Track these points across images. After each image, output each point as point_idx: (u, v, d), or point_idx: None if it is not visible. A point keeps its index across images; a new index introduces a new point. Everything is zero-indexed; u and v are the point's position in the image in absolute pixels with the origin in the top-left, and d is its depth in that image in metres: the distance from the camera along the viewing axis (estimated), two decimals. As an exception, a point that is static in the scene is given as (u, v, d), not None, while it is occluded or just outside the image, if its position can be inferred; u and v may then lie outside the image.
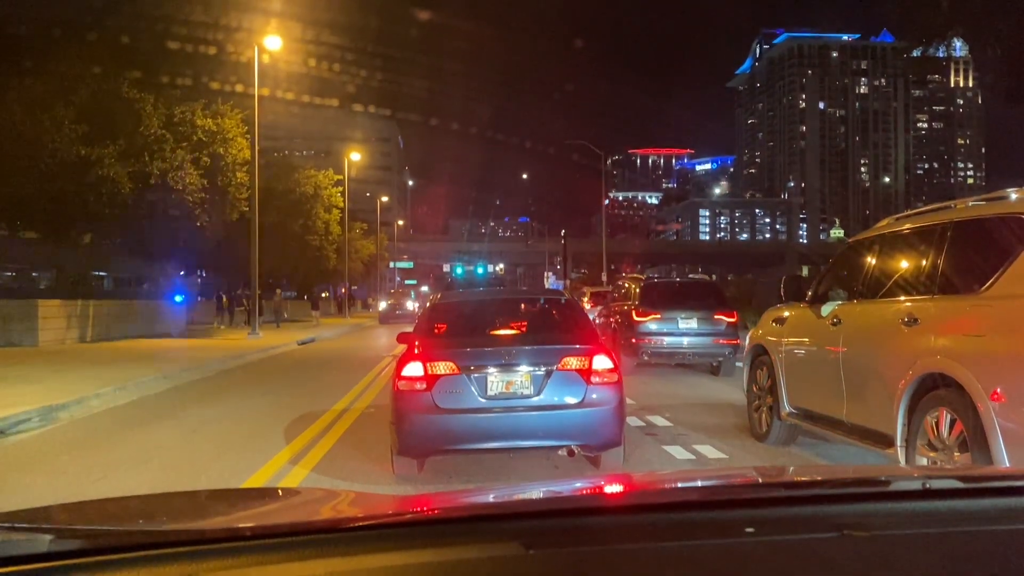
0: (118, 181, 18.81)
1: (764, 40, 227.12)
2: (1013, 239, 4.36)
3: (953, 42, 27.49)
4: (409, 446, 5.54)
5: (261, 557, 1.19)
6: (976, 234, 4.82)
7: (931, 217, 5.31)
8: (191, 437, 7.65)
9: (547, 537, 1.27)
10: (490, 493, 1.97)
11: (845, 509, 1.44)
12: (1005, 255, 4.36)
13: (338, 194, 40.93)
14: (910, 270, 5.40)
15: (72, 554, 1.19)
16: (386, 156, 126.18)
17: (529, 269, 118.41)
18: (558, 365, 5.57)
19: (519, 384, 5.54)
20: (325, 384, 12.17)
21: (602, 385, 5.58)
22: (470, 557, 1.22)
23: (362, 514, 1.50)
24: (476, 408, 5.47)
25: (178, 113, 21.15)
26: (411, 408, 5.48)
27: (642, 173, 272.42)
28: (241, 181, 22.85)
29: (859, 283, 5.98)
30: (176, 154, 20.33)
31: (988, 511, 1.45)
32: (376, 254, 60.78)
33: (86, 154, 18.27)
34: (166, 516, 1.75)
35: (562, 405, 5.55)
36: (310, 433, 7.74)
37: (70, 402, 9.01)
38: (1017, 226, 4.40)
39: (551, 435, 5.61)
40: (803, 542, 1.30)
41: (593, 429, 5.62)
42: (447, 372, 5.50)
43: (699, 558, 1.25)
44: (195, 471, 6.25)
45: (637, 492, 1.81)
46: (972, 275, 4.68)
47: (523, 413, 5.51)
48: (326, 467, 6.25)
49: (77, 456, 6.83)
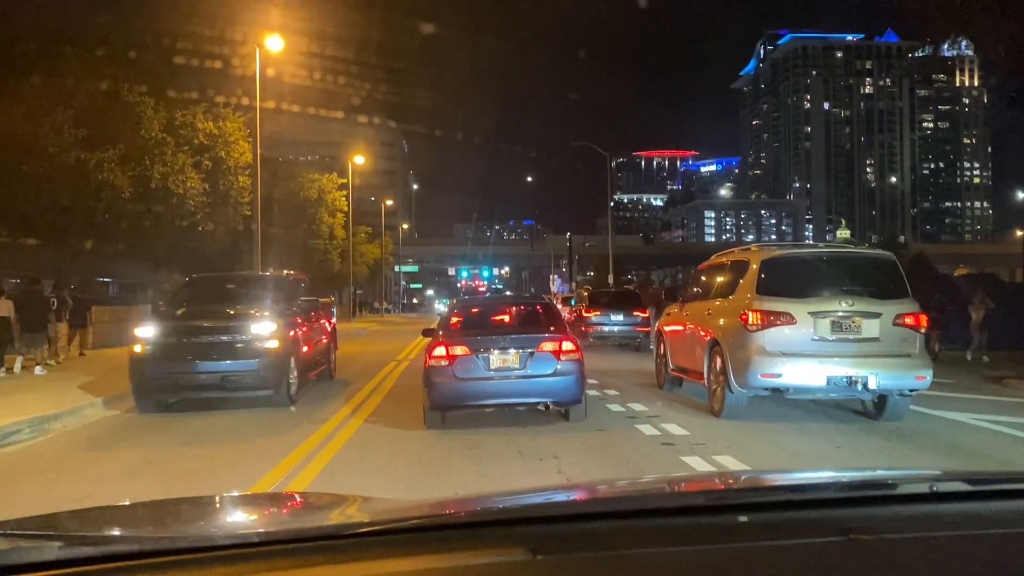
0: (118, 186, 18.52)
1: (768, 41, 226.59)
2: (743, 270, 8.87)
3: (960, 41, 27.76)
4: (437, 403, 8.07)
5: (269, 563, 1.19)
6: (734, 267, 9.29)
7: (722, 257, 10.09)
8: (180, 452, 7.30)
9: (554, 542, 1.27)
10: (497, 498, 1.97)
11: (852, 512, 1.44)
12: (739, 278, 8.86)
13: (342, 198, 40.61)
14: (713, 285, 9.87)
15: (80, 561, 1.18)
16: (390, 161, 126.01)
17: (534, 272, 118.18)
18: (537, 348, 8.03)
19: (511, 361, 7.99)
20: (324, 393, 11.84)
21: (568, 361, 8.02)
22: (477, 563, 1.21)
23: (370, 519, 1.51)
24: (482, 377, 7.93)
25: (179, 116, 20.88)
26: (438, 378, 7.95)
27: (646, 175, 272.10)
28: (243, 185, 22.54)
29: (697, 290, 10.52)
30: (177, 158, 20.06)
31: (996, 514, 1.44)
32: (381, 258, 60.51)
33: (85, 159, 17.97)
34: (174, 523, 1.76)
35: (540, 375, 7.96)
36: (307, 447, 7.39)
37: (63, 413, 8.68)
38: (743, 264, 8.95)
39: (533, 395, 8.14)
40: (810, 546, 1.28)
41: (562, 391, 8.07)
42: (462, 353, 7.97)
43: (706, 562, 1.23)
44: (186, 489, 5.89)
45: (643, 496, 1.81)
46: (730, 288, 9.07)
47: (514, 380, 7.97)
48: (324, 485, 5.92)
49: (64, 470, 6.50)
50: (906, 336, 8.12)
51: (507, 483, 5.75)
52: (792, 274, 8.46)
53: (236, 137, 22.28)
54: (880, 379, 7.83)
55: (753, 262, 8.67)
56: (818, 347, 7.97)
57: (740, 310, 8.35)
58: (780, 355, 7.93)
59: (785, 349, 7.97)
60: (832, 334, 8.01)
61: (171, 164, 19.87)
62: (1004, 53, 21.64)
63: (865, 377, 7.77)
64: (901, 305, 8.20)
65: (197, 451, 7.36)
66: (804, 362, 7.90)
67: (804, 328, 7.99)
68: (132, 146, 19.39)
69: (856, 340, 8.03)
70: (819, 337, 7.98)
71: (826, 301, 8.07)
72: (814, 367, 7.87)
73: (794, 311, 8.02)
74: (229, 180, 22.10)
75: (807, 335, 7.99)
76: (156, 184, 19.57)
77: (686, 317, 10.27)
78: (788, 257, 8.77)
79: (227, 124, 22.21)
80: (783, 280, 8.34)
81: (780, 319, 8.02)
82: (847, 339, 8.02)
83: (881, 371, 7.83)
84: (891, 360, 7.97)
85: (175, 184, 19.79)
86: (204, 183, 20.81)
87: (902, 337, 8.10)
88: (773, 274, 8.39)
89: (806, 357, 7.92)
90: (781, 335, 8.00)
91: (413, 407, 9.00)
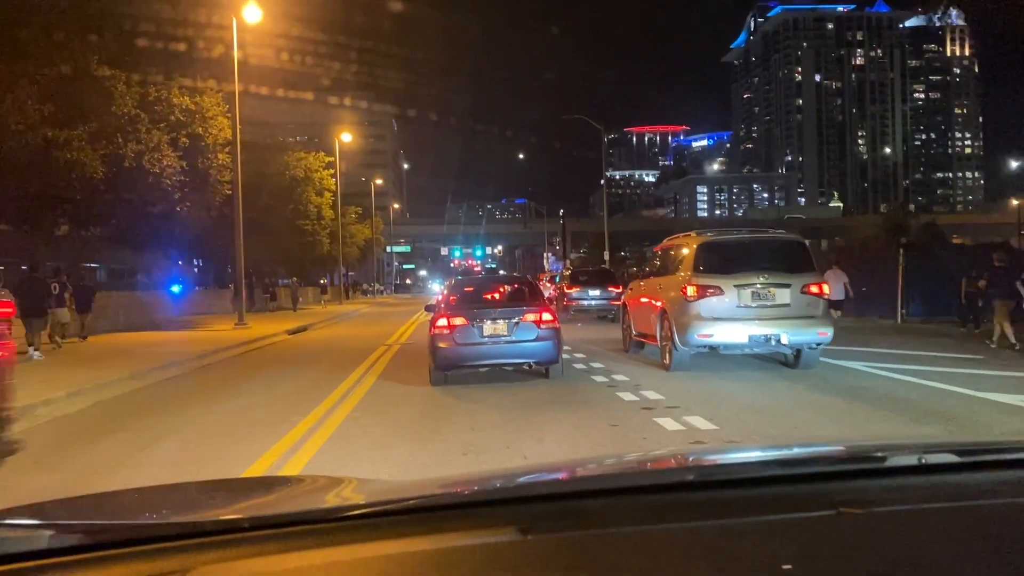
0: (89, 165, 17.51)
1: (758, 13, 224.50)
2: (684, 253, 10.87)
3: (950, 11, 27.22)
4: (440, 364, 9.71)
5: (260, 548, 1.18)
6: (678, 250, 11.32)
7: (671, 241, 12.08)
8: (138, 457, 6.45)
9: (545, 521, 1.26)
10: (488, 478, 1.95)
11: (841, 486, 1.43)
12: (681, 259, 10.87)
13: (329, 177, 39.46)
14: (664, 264, 11.95)
15: (71, 550, 1.17)
16: (380, 140, 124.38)
17: (527, 250, 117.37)
18: (521, 318, 9.70)
19: (500, 329, 9.65)
20: (302, 385, 11.04)
21: (547, 329, 9.74)
22: (468, 543, 1.21)
23: (360, 502, 1.50)
24: (477, 342, 9.59)
25: (153, 92, 19.80)
26: (442, 343, 9.59)
27: (638, 151, 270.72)
28: (223, 163, 21.49)
29: (653, 268, 12.66)
30: (152, 135, 19.00)
31: (985, 485, 1.44)
32: (372, 239, 59.48)
33: (53, 137, 16.97)
34: (165, 509, 1.73)
35: (524, 340, 9.64)
36: (281, 447, 6.60)
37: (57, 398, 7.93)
38: (684, 247, 10.96)
39: (518, 356, 9.82)
40: (800, 520, 1.28)
41: (542, 353, 9.76)
42: (461, 323, 9.63)
43: (697, 538, 1.23)
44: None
45: (634, 473, 1.79)
46: (675, 267, 11.06)
47: (503, 345, 9.65)
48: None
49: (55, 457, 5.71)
50: (811, 302, 10.21)
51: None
52: (722, 255, 10.53)
53: (214, 113, 21.20)
54: (790, 336, 9.98)
55: (692, 246, 10.79)
56: (742, 312, 10.05)
57: (682, 285, 10.43)
58: (712, 319, 10.05)
59: (716, 314, 10.06)
60: (752, 302, 10.10)
61: (146, 142, 18.81)
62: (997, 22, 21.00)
63: (778, 335, 9.91)
64: (806, 277, 10.26)
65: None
66: (731, 324, 10.02)
67: (730, 298, 10.08)
68: (104, 123, 18.38)
69: (771, 306, 10.10)
70: (742, 304, 10.07)
71: (747, 276, 10.11)
72: (739, 328, 9.99)
73: (722, 284, 10.10)
74: (208, 158, 21.05)
75: (733, 303, 10.07)
76: (130, 163, 18.53)
77: (644, 291, 12.39)
78: (718, 242, 10.85)
79: (205, 99, 21.14)
80: (714, 260, 10.43)
81: (712, 291, 10.11)
82: (764, 305, 10.11)
83: (791, 330, 9.96)
84: (799, 321, 10.05)
85: (150, 163, 18.75)
86: (181, 161, 19.76)
87: (808, 302, 10.18)
88: (706, 255, 10.50)
89: (732, 320, 10.02)
90: (713, 303, 10.09)
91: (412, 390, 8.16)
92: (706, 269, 10.28)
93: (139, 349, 15.23)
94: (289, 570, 1.13)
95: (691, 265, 10.45)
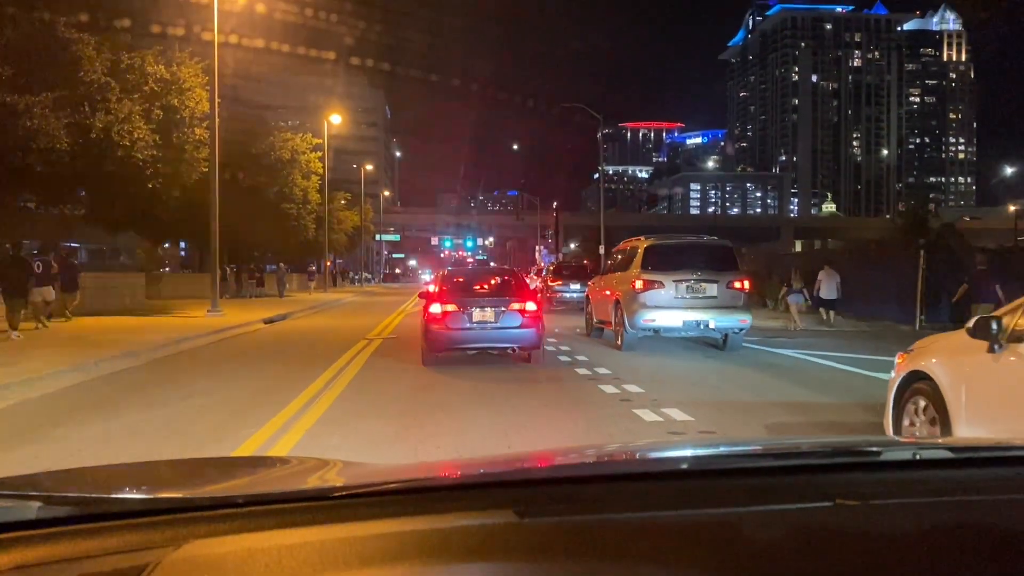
0: (52, 135, 16.19)
1: (757, 12, 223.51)
2: (634, 253, 13.23)
3: (947, 15, 26.55)
4: (433, 348, 10.64)
5: (253, 523, 1.17)
6: (631, 250, 13.61)
7: (626, 243, 14.23)
8: (68, 464, 5.20)
9: (540, 505, 1.26)
10: (484, 461, 1.89)
11: (837, 479, 1.45)
12: (632, 258, 13.26)
13: (317, 160, 38.00)
14: (621, 261, 13.92)
15: (61, 521, 1.17)
16: (371, 126, 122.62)
17: (519, 243, 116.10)
18: (507, 307, 10.58)
19: (488, 316, 10.52)
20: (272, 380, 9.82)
21: (530, 318, 10.60)
22: (463, 525, 1.20)
23: (355, 482, 1.48)
24: (467, 328, 10.47)
25: (125, 59, 18.47)
26: (434, 328, 10.47)
27: (632, 147, 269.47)
28: (200, 138, 20.13)
29: (613, 264, 14.58)
30: (123, 105, 17.68)
31: (978, 481, 1.44)
32: (361, 226, 58.06)
33: (11, 102, 15.62)
34: (157, 483, 1.73)
35: (509, 327, 10.53)
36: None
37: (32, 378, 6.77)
38: (635, 249, 13.33)
39: (503, 341, 10.75)
40: (797, 511, 1.29)
41: (525, 339, 10.66)
42: (452, 310, 10.47)
43: (692, 527, 1.23)
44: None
45: (631, 461, 1.79)
46: (627, 265, 13.37)
47: (490, 330, 10.56)
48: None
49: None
50: (735, 295, 12.44)
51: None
52: (664, 255, 12.74)
53: (192, 84, 19.81)
54: (717, 322, 12.24)
55: (641, 247, 13.01)
56: (678, 302, 12.26)
57: (631, 279, 12.63)
58: (655, 307, 12.25)
59: (658, 304, 12.26)
60: (687, 294, 12.33)
61: (116, 112, 17.50)
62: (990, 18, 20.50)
63: (707, 320, 12.17)
64: (731, 275, 12.57)
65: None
66: (669, 312, 12.22)
67: (670, 290, 12.30)
68: (71, 90, 17.04)
69: (702, 298, 12.33)
70: (679, 296, 12.30)
71: (684, 273, 12.38)
72: (676, 314, 12.19)
73: (664, 279, 12.32)
74: (184, 132, 19.70)
75: (671, 295, 12.30)
76: (97, 134, 17.22)
77: (603, 284, 14.61)
78: (662, 245, 13.04)
79: (182, 70, 19.77)
80: (658, 260, 12.65)
81: (655, 285, 12.32)
82: (696, 297, 12.34)
83: (717, 317, 12.22)
84: (724, 310, 12.31)
85: (119, 135, 17.43)
86: (154, 135, 18.43)
87: (732, 295, 12.41)
88: (652, 256, 12.73)
89: (671, 308, 12.23)
90: (655, 295, 12.31)
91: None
92: (651, 267, 12.53)
93: (100, 336, 13.92)
94: (283, 546, 1.10)
95: (639, 263, 12.71)
